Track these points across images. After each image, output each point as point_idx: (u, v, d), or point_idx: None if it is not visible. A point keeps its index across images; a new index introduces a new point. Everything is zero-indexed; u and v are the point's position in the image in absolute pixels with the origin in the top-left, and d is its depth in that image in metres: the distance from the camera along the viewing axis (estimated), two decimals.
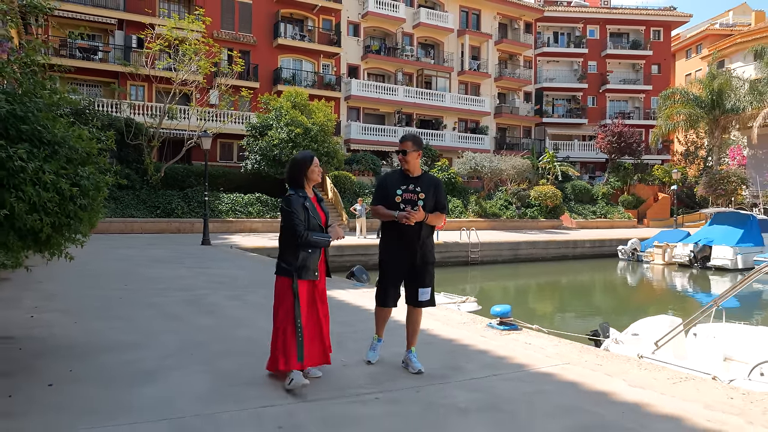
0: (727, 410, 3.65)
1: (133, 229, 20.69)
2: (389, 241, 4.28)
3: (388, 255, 4.28)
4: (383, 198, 4.25)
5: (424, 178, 4.30)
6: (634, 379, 4.33)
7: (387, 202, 4.21)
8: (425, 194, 4.19)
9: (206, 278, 9.53)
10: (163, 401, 3.49)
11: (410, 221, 4.02)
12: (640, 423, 3.40)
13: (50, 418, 3.17)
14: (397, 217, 4.07)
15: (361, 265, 12.73)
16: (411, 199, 4.18)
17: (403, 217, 4.02)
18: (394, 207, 4.17)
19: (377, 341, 4.51)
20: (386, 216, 4.16)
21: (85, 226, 4.01)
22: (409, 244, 4.17)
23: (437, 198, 4.26)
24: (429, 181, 4.30)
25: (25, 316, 5.89)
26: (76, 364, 4.20)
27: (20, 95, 3.68)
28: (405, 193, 4.20)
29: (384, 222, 4.27)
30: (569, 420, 3.43)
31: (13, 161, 3.26)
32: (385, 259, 4.32)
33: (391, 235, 4.24)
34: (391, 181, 4.29)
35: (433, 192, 4.25)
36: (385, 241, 4.33)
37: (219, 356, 4.58)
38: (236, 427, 3.12)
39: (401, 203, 4.17)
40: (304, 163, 3.95)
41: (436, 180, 4.39)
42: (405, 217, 4.02)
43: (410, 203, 4.16)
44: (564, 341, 5.68)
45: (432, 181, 4.34)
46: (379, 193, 4.31)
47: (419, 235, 4.17)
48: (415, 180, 4.25)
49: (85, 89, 27.67)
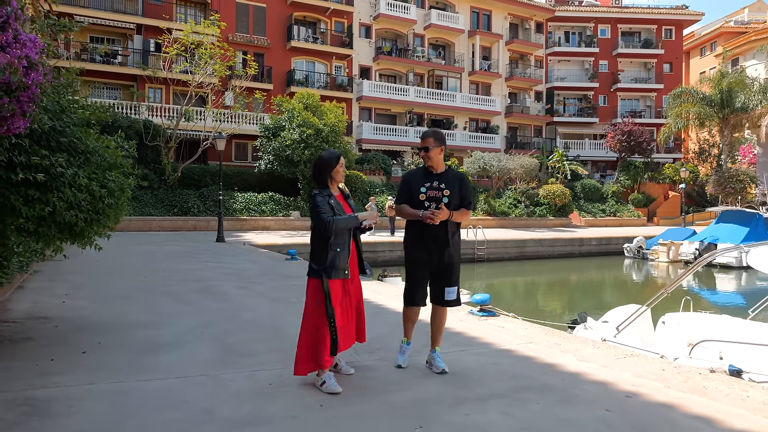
0: (652, 378, 4.28)
1: (151, 227, 21.63)
2: (415, 240, 4.16)
3: (414, 254, 4.17)
4: (408, 196, 4.16)
5: (449, 174, 4.21)
6: (585, 355, 4.97)
7: (412, 201, 4.12)
8: (450, 191, 4.11)
9: (218, 271, 10.30)
10: (176, 365, 4.23)
11: (435, 221, 3.96)
12: (574, 386, 4.04)
13: (87, 374, 3.95)
14: (421, 217, 4.00)
15: (368, 262, 13.42)
16: (436, 197, 4.09)
17: (428, 216, 3.97)
18: (419, 205, 4.09)
19: (406, 344, 4.37)
20: (411, 215, 4.09)
21: (112, 221, 4.77)
22: (436, 242, 4.08)
23: (462, 194, 4.16)
24: (454, 177, 4.21)
25: (57, 302, 6.69)
26: (104, 338, 4.97)
27: (59, 112, 4.43)
28: (429, 190, 4.11)
29: (409, 221, 4.19)
30: (514, 383, 4.09)
31: (55, 168, 4.01)
32: (411, 258, 4.21)
33: (417, 234, 4.14)
34: (415, 178, 4.20)
35: (459, 188, 4.15)
36: (411, 240, 4.21)
37: (225, 333, 5.31)
38: (233, 383, 3.84)
39: (426, 201, 4.09)
40: (330, 162, 3.95)
41: (460, 175, 4.30)
42: (429, 217, 3.96)
43: (435, 200, 4.08)
44: (534, 326, 6.32)
45: (457, 176, 4.24)
46: (404, 192, 4.21)
47: (445, 233, 4.09)
48: (439, 176, 4.17)
49: (105, 92, 28.77)
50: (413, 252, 4.18)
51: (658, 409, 3.63)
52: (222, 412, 3.32)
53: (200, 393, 3.65)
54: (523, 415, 3.43)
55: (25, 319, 5.68)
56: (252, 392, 3.68)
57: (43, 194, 3.97)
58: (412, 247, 4.18)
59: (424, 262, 4.14)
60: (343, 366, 4.10)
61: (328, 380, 3.71)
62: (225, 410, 3.35)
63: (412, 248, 4.18)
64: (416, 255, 4.15)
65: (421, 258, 4.14)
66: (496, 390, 3.89)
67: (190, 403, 3.45)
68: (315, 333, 3.72)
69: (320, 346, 3.69)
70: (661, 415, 3.52)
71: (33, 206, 3.93)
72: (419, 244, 4.12)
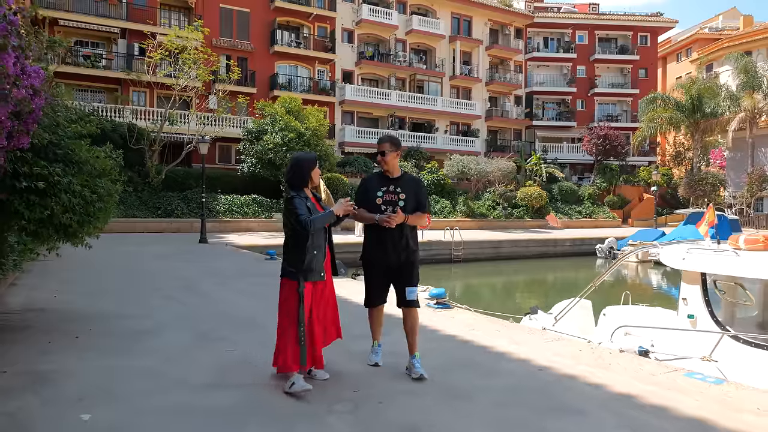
0: (567, 356, 5.02)
1: (135, 229, 22.07)
2: (372, 243, 4.28)
3: (372, 256, 4.29)
4: (365, 200, 4.27)
5: (404, 179, 4.33)
6: (517, 339, 5.70)
7: (368, 205, 4.23)
8: (406, 194, 4.22)
9: (199, 270, 10.92)
10: (158, 347, 4.90)
11: (391, 224, 4.06)
12: (496, 362, 4.77)
13: (81, 353, 4.62)
14: (378, 221, 4.11)
15: (348, 261, 14.09)
16: (392, 200, 4.21)
17: (384, 220, 4.07)
18: (376, 208, 4.20)
19: (377, 346, 4.54)
20: (367, 219, 4.20)
21: (101, 222, 5.41)
22: (392, 245, 4.18)
23: (418, 198, 4.28)
24: (409, 182, 4.33)
25: (49, 296, 7.31)
26: (94, 326, 5.62)
27: (54, 126, 5.07)
28: (386, 194, 4.23)
29: (367, 224, 4.30)
30: (448, 359, 4.80)
31: (53, 177, 4.65)
32: (368, 260, 4.33)
33: (374, 237, 4.25)
34: (372, 183, 4.33)
35: (414, 192, 4.27)
36: (369, 242, 4.32)
37: (200, 323, 5.99)
38: (205, 360, 4.54)
39: (382, 205, 4.20)
40: (310, 163, 4.02)
41: (416, 180, 4.45)
42: (385, 220, 4.06)
43: (391, 204, 4.19)
44: (482, 316, 7.07)
45: (412, 181, 4.38)
46: (361, 196, 4.32)
47: (401, 235, 4.20)
48: (395, 181, 4.29)
49: (90, 95, 29.12)
50: (371, 254, 4.29)
51: (562, 378, 4.37)
52: (194, 380, 4.02)
53: (176, 367, 4.33)
54: (444, 383, 4.13)
55: (22, 310, 6.30)
56: (220, 366, 4.37)
57: (42, 199, 4.62)
58: (370, 250, 4.29)
59: (381, 264, 4.25)
60: (317, 374, 4.10)
61: (297, 381, 3.76)
62: (196, 378, 4.05)
63: (370, 251, 4.29)
64: (374, 257, 4.27)
65: (378, 260, 4.25)
66: (432, 365, 4.60)
67: (168, 374, 4.14)
68: (283, 334, 3.83)
69: (287, 348, 3.76)
70: (562, 383, 4.26)
71: (34, 210, 4.58)
72: (377, 247, 4.23)
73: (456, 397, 3.87)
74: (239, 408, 3.52)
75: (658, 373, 4.58)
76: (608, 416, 3.56)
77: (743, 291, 5.88)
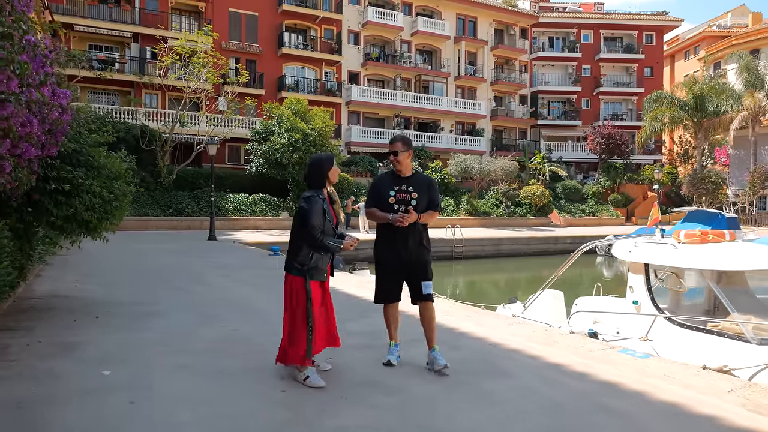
0: (521, 336, 5.74)
1: (147, 227, 23.02)
2: (385, 241, 4.34)
3: (384, 255, 4.35)
4: (377, 200, 4.33)
5: (416, 178, 4.40)
6: (484, 322, 6.43)
7: (381, 204, 4.29)
8: (418, 193, 4.28)
9: (206, 264, 11.74)
10: (165, 326, 5.71)
11: (404, 223, 4.12)
12: (457, 341, 5.50)
13: (102, 329, 5.46)
14: (391, 220, 4.17)
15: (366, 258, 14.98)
16: (404, 199, 4.26)
17: (397, 219, 4.13)
18: (389, 207, 4.26)
19: (394, 346, 4.58)
20: (381, 218, 4.25)
21: (117, 219, 6.23)
22: (405, 243, 4.25)
23: (430, 196, 4.34)
24: (421, 181, 4.40)
25: (70, 285, 8.16)
26: (111, 309, 6.44)
27: (77, 136, 5.88)
28: (398, 193, 4.29)
29: (380, 223, 4.34)
30: (417, 337, 5.52)
31: (77, 180, 5.47)
32: (381, 259, 4.39)
33: (387, 235, 4.31)
34: (384, 182, 4.39)
35: (426, 191, 4.33)
36: (381, 241, 4.38)
37: (205, 306, 6.78)
38: (206, 334, 5.34)
39: (395, 204, 4.26)
40: (327, 163, 4.06)
41: (428, 179, 4.49)
42: (398, 219, 4.12)
43: (404, 203, 4.25)
44: (460, 305, 7.80)
45: (424, 180, 4.44)
46: (373, 195, 4.37)
47: (415, 233, 4.27)
48: (407, 180, 4.34)
49: (104, 98, 30.19)
50: (384, 252, 4.35)
51: (509, 352, 5.10)
52: (195, 347, 4.84)
53: (181, 339, 5.14)
54: (407, 356, 4.87)
55: (48, 296, 7.16)
56: (219, 338, 5.17)
57: (68, 199, 5.44)
58: (383, 248, 4.35)
59: (394, 262, 4.30)
60: (320, 363, 4.21)
61: (312, 375, 3.87)
62: (198, 346, 4.87)
63: (383, 249, 4.36)
64: (387, 255, 4.33)
65: (391, 258, 4.30)
66: (402, 342, 5.33)
67: (174, 344, 4.95)
68: (292, 329, 3.91)
69: (298, 343, 3.85)
70: (507, 356, 4.99)
71: (61, 208, 5.41)
72: (390, 246, 4.30)
73: (417, 366, 4.58)
74: (234, 369, 4.29)
75: (595, 350, 5.29)
76: (534, 378, 4.29)
77: (676, 279, 6.56)
